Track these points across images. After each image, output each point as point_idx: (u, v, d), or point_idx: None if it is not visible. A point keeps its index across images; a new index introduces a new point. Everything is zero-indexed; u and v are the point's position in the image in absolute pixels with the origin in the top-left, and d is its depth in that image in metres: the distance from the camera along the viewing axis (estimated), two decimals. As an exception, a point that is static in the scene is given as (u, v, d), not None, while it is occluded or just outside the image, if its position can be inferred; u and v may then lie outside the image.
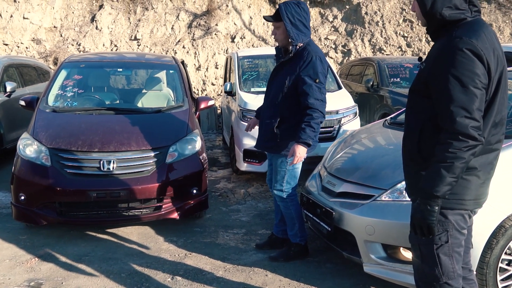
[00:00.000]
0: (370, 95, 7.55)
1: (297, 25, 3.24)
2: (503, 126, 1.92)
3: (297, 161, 3.22)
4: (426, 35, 12.98)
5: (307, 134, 3.17)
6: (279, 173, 3.46)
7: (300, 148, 3.18)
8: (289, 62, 3.36)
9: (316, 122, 3.20)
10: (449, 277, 1.91)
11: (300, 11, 3.24)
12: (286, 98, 3.33)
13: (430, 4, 1.85)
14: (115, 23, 13.33)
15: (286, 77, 3.33)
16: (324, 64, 3.29)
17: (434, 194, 1.77)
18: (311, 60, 3.22)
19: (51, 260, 3.62)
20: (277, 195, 3.52)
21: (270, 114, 3.44)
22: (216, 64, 12.86)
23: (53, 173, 3.85)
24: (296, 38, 3.25)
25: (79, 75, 4.99)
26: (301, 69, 3.25)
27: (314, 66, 3.22)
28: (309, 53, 3.25)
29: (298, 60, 3.28)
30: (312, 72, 3.22)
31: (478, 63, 1.72)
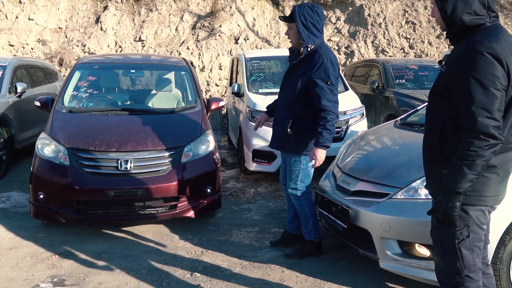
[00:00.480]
0: (375, 97, 7.64)
1: (309, 27, 3.33)
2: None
3: (318, 163, 3.32)
4: (428, 37, 13.10)
5: (325, 137, 3.28)
6: (293, 172, 3.56)
7: (320, 151, 3.30)
8: (301, 64, 3.45)
9: (331, 124, 3.31)
10: (470, 270, 2.00)
11: (313, 14, 3.33)
12: (299, 100, 3.43)
13: (450, 10, 1.95)
14: (120, 24, 13.42)
15: (298, 79, 3.43)
16: (335, 66, 3.37)
17: (456, 190, 1.87)
18: (323, 62, 3.30)
19: (71, 257, 3.71)
20: (292, 193, 3.61)
21: (283, 115, 3.54)
22: (220, 65, 12.95)
23: (72, 172, 3.93)
24: (307, 40, 3.34)
25: (93, 76, 5.09)
26: (312, 72, 3.33)
27: (326, 68, 3.30)
28: (320, 55, 3.33)
29: (309, 63, 3.37)
30: (323, 74, 3.30)
31: (498, 66, 1.82)
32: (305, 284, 3.25)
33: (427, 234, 2.81)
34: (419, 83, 7.54)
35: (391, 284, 3.20)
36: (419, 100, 6.65)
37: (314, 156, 3.30)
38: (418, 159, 3.11)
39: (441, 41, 13.11)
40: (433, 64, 8.13)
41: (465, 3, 1.92)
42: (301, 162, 3.52)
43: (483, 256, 2.18)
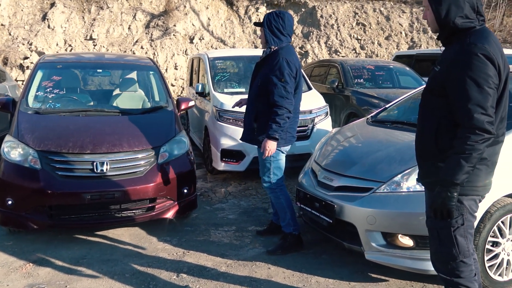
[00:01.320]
0: (335, 96, 7.87)
1: (274, 31, 3.65)
2: (505, 120, 2.19)
3: (268, 153, 3.56)
4: (378, 38, 13.64)
5: (273, 129, 3.51)
6: (265, 166, 3.76)
7: (269, 142, 3.54)
8: (264, 64, 3.74)
9: (281, 118, 3.52)
10: (464, 255, 2.16)
11: (278, 19, 3.66)
12: (260, 96, 3.69)
13: (444, 13, 2.09)
14: (69, 22, 12.92)
15: (260, 77, 3.71)
16: (291, 65, 3.60)
17: (454, 182, 2.00)
18: (279, 61, 3.57)
19: (47, 264, 3.56)
20: (266, 186, 3.79)
21: (249, 110, 3.84)
22: (176, 65, 12.80)
23: (44, 176, 3.77)
24: (270, 42, 3.66)
25: (57, 76, 4.88)
26: (269, 69, 3.61)
27: (281, 67, 3.55)
28: (278, 55, 3.60)
29: (269, 62, 3.66)
30: (278, 72, 3.55)
31: (490, 66, 1.97)
32: (293, 279, 3.32)
33: (410, 225, 3.00)
34: (376, 82, 7.85)
35: (374, 275, 3.34)
36: (378, 99, 6.94)
37: (263, 147, 3.54)
38: (398, 155, 3.30)
39: (390, 43, 13.71)
40: (387, 65, 8.49)
41: (457, 7, 2.06)
42: (272, 155, 3.69)
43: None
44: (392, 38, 13.70)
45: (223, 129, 5.93)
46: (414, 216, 2.99)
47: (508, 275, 3.16)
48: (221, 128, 5.96)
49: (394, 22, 13.98)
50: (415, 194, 3.04)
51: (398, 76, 8.17)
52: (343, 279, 3.30)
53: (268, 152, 3.55)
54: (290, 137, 3.73)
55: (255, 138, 3.75)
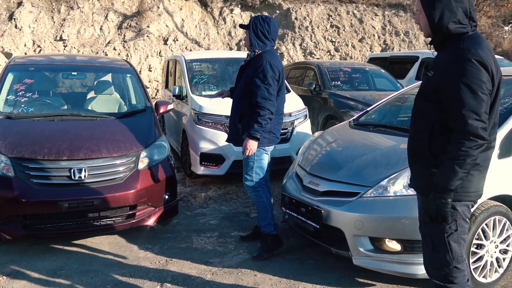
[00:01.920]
0: (312, 98, 7.88)
1: (259, 35, 3.71)
2: (497, 126, 2.20)
3: (248, 152, 3.59)
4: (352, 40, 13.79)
5: (255, 129, 3.55)
6: (248, 165, 3.77)
7: (250, 141, 3.57)
8: (249, 66, 3.78)
9: (263, 118, 3.56)
10: (458, 261, 2.15)
11: (264, 24, 3.73)
12: (244, 98, 3.73)
13: (438, 18, 2.08)
14: (37, 22, 12.51)
15: (244, 80, 3.75)
16: (274, 68, 3.66)
17: (448, 188, 2.00)
18: (262, 64, 3.62)
19: (22, 277, 3.39)
20: (248, 185, 3.80)
21: (233, 111, 3.88)
22: (150, 66, 12.59)
23: (18, 184, 3.59)
24: (255, 45, 3.72)
25: (30, 79, 4.68)
26: (253, 71, 3.66)
27: (264, 70, 3.60)
28: (262, 59, 3.66)
29: (254, 65, 3.70)
30: (262, 75, 3.60)
31: (484, 72, 1.98)
32: (280, 286, 3.27)
33: (398, 230, 3.00)
34: (352, 84, 7.90)
35: (361, 280, 3.33)
36: (356, 101, 6.99)
37: (244, 146, 3.58)
38: (383, 159, 3.29)
39: (363, 45, 13.89)
40: (363, 67, 8.57)
41: (451, 12, 2.05)
42: (255, 155, 3.71)
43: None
44: (365, 40, 13.87)
45: (202, 133, 5.84)
46: (401, 220, 3.00)
47: (492, 277, 3.21)
48: (200, 132, 5.86)
49: (367, 24, 14.17)
50: (402, 199, 3.04)
51: (373, 78, 8.26)
52: (331, 284, 3.28)
53: (248, 151, 3.58)
54: (273, 137, 3.78)
55: (239, 139, 3.75)
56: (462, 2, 2.06)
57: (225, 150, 5.73)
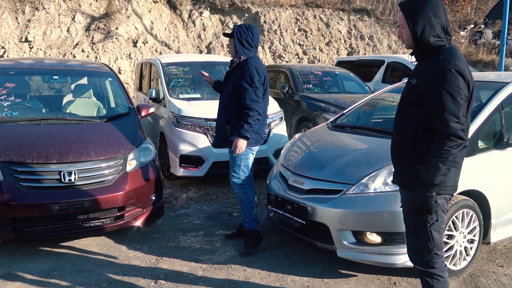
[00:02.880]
0: (285, 100, 8.13)
1: (243, 43, 3.94)
2: (469, 127, 2.49)
3: (239, 151, 3.80)
4: (319, 44, 14.18)
5: (245, 129, 3.78)
6: (236, 163, 3.98)
7: (240, 141, 3.78)
8: (235, 72, 4.00)
9: (252, 119, 3.80)
10: (438, 248, 2.42)
11: (247, 32, 3.98)
12: (232, 101, 3.95)
13: (420, 32, 2.34)
14: (1, 23, 12.18)
15: (231, 84, 3.96)
16: (260, 73, 3.92)
17: (433, 183, 2.26)
18: (249, 69, 3.87)
19: (14, 279, 3.44)
20: (235, 182, 4.00)
21: (221, 114, 4.06)
22: (119, 69, 12.50)
23: (8, 188, 3.63)
24: (240, 52, 3.94)
25: (11, 82, 4.67)
26: (241, 76, 3.89)
27: (251, 74, 3.85)
28: (248, 64, 3.91)
29: (241, 70, 3.93)
30: (249, 79, 3.85)
31: (461, 80, 2.25)
32: (270, 279, 3.46)
33: (378, 223, 3.27)
34: (323, 87, 8.21)
35: (344, 271, 3.57)
36: (327, 103, 7.29)
37: (235, 145, 3.78)
38: (364, 158, 3.56)
39: (330, 48, 14.31)
40: (333, 70, 8.91)
41: (431, 27, 2.32)
42: (242, 154, 3.93)
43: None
44: (332, 44, 14.30)
45: (181, 135, 5.96)
46: (381, 214, 3.26)
47: (461, 264, 3.52)
48: (179, 134, 5.98)
49: (334, 28, 14.61)
50: (381, 195, 3.31)
51: (343, 81, 8.60)
52: (316, 276, 3.50)
53: (238, 150, 3.78)
54: (259, 137, 4.01)
55: (228, 140, 3.93)
56: (440, 18, 2.33)
57: (205, 152, 5.88)
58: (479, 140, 3.61)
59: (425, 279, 2.48)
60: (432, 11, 2.31)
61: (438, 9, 2.33)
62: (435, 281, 2.44)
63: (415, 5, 2.35)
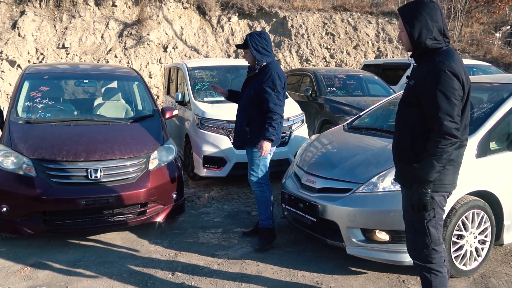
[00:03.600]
0: (309, 104, 8.24)
1: (260, 50, 4.11)
2: (468, 127, 2.56)
3: (264, 153, 3.94)
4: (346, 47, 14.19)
5: (270, 132, 3.93)
6: (254, 163, 4.14)
7: (265, 143, 3.93)
8: (255, 77, 4.16)
9: (276, 122, 3.96)
10: (435, 244, 2.50)
11: (261, 39, 4.13)
12: (252, 105, 4.10)
13: (417, 36, 2.44)
14: (40, 30, 12.84)
15: (252, 89, 4.12)
16: (281, 78, 4.10)
17: (428, 180, 2.35)
18: (271, 74, 4.03)
19: (45, 267, 3.71)
20: (254, 181, 4.16)
21: (241, 117, 4.21)
22: (150, 73, 12.93)
23: (40, 183, 3.92)
24: (260, 60, 4.11)
25: (45, 86, 5.02)
26: (263, 82, 4.02)
27: (273, 79, 4.01)
28: (270, 69, 4.07)
29: (262, 75, 4.09)
30: (271, 83, 4.00)
31: (456, 81, 2.34)
32: (281, 274, 3.60)
33: (386, 221, 3.35)
34: (347, 90, 8.27)
35: (354, 268, 3.66)
36: (350, 106, 7.35)
37: (261, 147, 3.91)
38: (374, 158, 3.65)
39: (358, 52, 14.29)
40: (357, 74, 8.95)
41: (428, 30, 2.42)
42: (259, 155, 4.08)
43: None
44: (359, 47, 14.29)
45: (205, 137, 6.18)
46: (390, 213, 3.34)
47: (472, 265, 3.55)
48: (203, 136, 6.20)
49: (361, 32, 14.59)
50: (390, 194, 3.39)
51: (367, 84, 8.63)
52: (326, 272, 3.61)
53: (264, 152, 3.92)
54: (277, 139, 4.15)
55: (248, 141, 4.09)
56: (437, 21, 2.43)
57: (227, 153, 6.07)
58: (491, 142, 3.63)
59: (423, 274, 2.56)
60: (428, 15, 2.41)
61: (435, 13, 2.42)
62: (433, 276, 2.52)
63: (413, 9, 2.45)
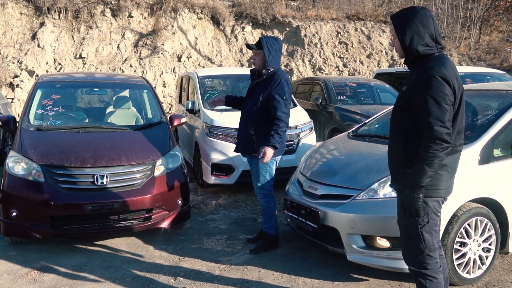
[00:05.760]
0: (319, 112, 8.26)
1: (272, 54, 4.06)
2: (463, 133, 2.56)
3: (266, 159, 3.89)
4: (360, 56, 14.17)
5: (275, 139, 3.90)
6: (261, 174, 4.12)
7: (269, 149, 3.89)
8: (263, 83, 4.10)
9: (282, 130, 3.96)
10: (430, 249, 2.49)
11: (276, 43, 4.11)
12: (260, 112, 4.07)
13: (408, 42, 2.46)
14: (58, 41, 13.17)
15: (260, 95, 4.07)
16: (289, 86, 4.09)
17: (419, 185, 2.35)
18: (280, 81, 4.01)
19: (51, 271, 3.79)
20: (260, 192, 4.16)
21: (247, 124, 4.15)
22: (164, 82, 13.11)
23: (48, 189, 4.02)
24: (270, 64, 4.05)
25: (57, 94, 5.16)
26: (272, 89, 4.00)
27: (282, 86, 3.99)
28: (278, 76, 4.05)
29: (270, 82, 4.05)
30: (280, 91, 3.98)
31: (447, 86, 2.35)
32: (282, 280, 3.61)
33: (387, 228, 3.34)
34: (358, 99, 8.27)
35: (356, 275, 3.65)
36: (360, 115, 7.34)
37: (263, 153, 3.87)
38: (375, 165, 3.65)
39: (371, 61, 14.26)
40: (368, 82, 8.94)
41: (419, 37, 2.44)
42: (267, 164, 4.09)
43: (438, 240, 2.68)
44: (373, 56, 14.26)
45: (213, 144, 6.24)
46: (390, 219, 3.31)
47: (475, 273, 3.51)
48: (212, 144, 6.26)
49: (375, 41, 14.56)
50: (390, 200, 3.38)
51: (378, 93, 8.61)
52: (327, 279, 3.61)
53: (266, 158, 3.87)
54: (282, 147, 4.14)
55: (254, 149, 4.05)
56: (429, 28, 2.44)
57: (235, 160, 6.11)
58: (495, 148, 3.60)
59: (418, 280, 2.55)
60: (420, 22, 2.43)
61: (426, 20, 2.44)
62: (428, 282, 2.51)
63: (404, 16, 2.48)
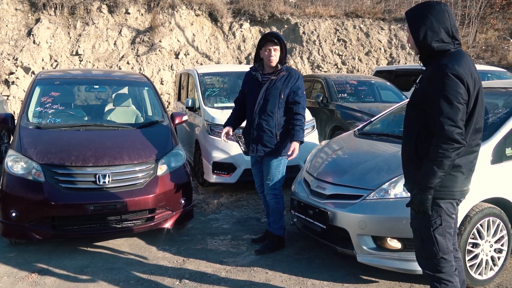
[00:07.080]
0: (320, 110, 8.18)
1: (286, 51, 4.10)
2: (480, 132, 2.48)
3: (295, 155, 3.84)
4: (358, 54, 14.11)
5: (302, 134, 3.95)
6: (275, 175, 4.06)
7: (297, 145, 3.87)
8: (280, 80, 4.00)
9: (304, 126, 4.03)
10: (444, 252, 2.42)
11: (285, 42, 4.13)
12: (280, 108, 3.99)
13: (422, 38, 2.38)
14: (54, 37, 13.00)
15: (281, 91, 3.95)
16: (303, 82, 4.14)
17: (428, 186, 2.28)
18: (299, 77, 4.05)
19: (51, 274, 3.69)
20: (272, 193, 4.08)
21: (267, 123, 3.97)
22: (162, 80, 12.99)
23: (49, 189, 3.91)
24: (284, 61, 4.08)
25: (56, 92, 5.04)
26: (293, 84, 3.97)
27: (301, 82, 4.06)
28: (296, 72, 4.07)
29: (290, 77, 3.99)
30: (302, 86, 4.06)
31: (460, 84, 2.26)
32: (290, 282, 3.53)
33: (398, 229, 3.26)
34: (359, 96, 8.19)
35: (365, 277, 3.58)
36: (361, 113, 7.26)
37: (293, 149, 3.81)
38: (385, 164, 3.57)
39: (370, 58, 14.19)
40: (369, 80, 8.86)
41: (433, 32, 2.35)
42: (281, 164, 4.07)
43: (453, 242, 2.61)
44: (372, 53, 14.19)
45: (214, 143, 6.14)
46: (401, 220, 3.24)
47: (488, 274, 3.44)
48: (213, 142, 6.16)
49: (374, 38, 14.49)
50: (402, 200, 3.30)
51: (379, 90, 8.54)
52: (337, 281, 3.53)
53: (295, 154, 3.83)
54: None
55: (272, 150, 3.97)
56: (444, 23, 2.36)
57: (237, 159, 6.02)
58: (507, 148, 3.53)
59: (433, 284, 2.47)
60: (435, 17, 2.35)
61: (441, 15, 2.35)
62: (444, 285, 2.43)
63: (418, 12, 2.40)
